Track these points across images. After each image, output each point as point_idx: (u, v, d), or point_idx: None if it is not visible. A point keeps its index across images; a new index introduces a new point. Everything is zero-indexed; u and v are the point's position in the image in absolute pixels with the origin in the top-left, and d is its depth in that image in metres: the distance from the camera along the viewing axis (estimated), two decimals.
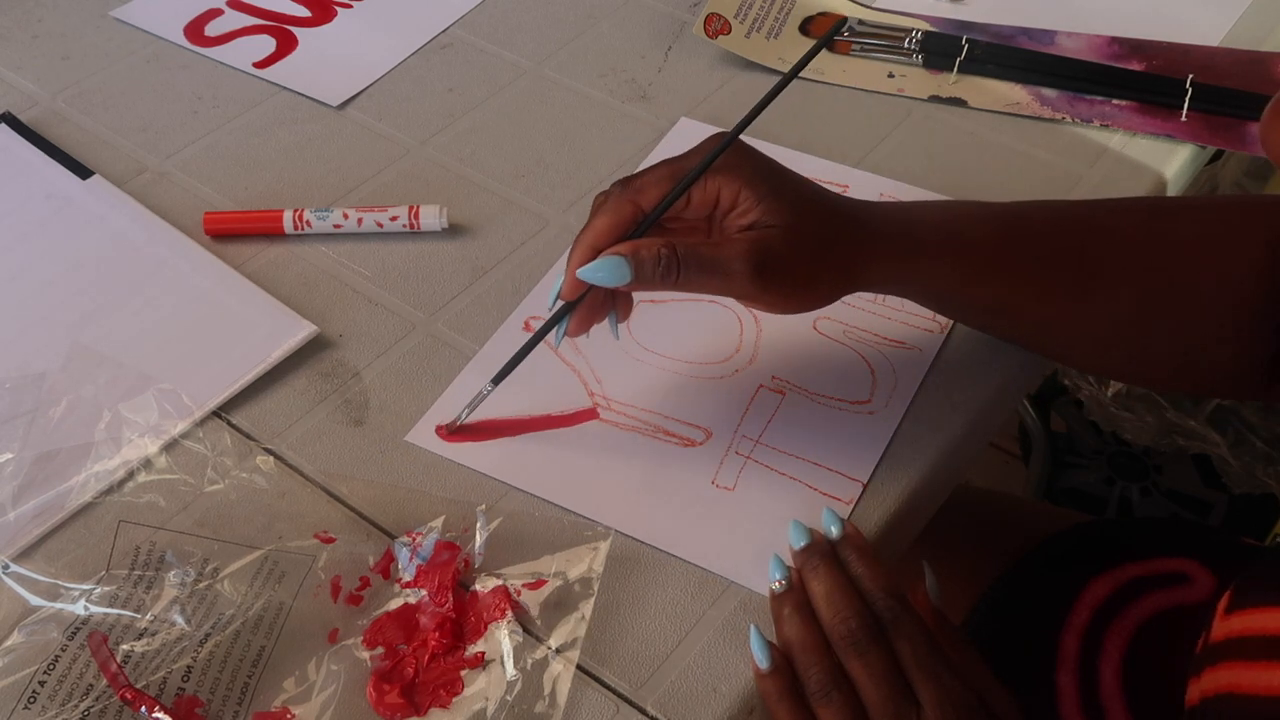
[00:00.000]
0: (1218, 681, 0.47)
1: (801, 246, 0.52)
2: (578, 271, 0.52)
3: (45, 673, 0.50)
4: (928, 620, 0.51)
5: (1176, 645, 0.65)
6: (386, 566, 0.54)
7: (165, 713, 0.48)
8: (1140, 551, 0.71)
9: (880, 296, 0.66)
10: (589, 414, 0.61)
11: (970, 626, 0.73)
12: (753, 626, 0.50)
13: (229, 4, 0.88)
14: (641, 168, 0.73)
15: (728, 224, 0.53)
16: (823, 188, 0.55)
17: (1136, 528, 0.77)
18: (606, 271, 0.51)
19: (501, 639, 0.51)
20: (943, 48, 0.81)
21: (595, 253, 0.52)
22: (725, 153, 0.52)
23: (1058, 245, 0.57)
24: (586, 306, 0.54)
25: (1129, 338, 0.58)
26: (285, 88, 0.81)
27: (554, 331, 0.55)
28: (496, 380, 0.57)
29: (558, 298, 0.54)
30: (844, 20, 0.55)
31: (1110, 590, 0.69)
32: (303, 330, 0.64)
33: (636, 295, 0.57)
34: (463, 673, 0.51)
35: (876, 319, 0.65)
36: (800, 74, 0.80)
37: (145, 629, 0.51)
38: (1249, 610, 0.47)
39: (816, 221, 0.53)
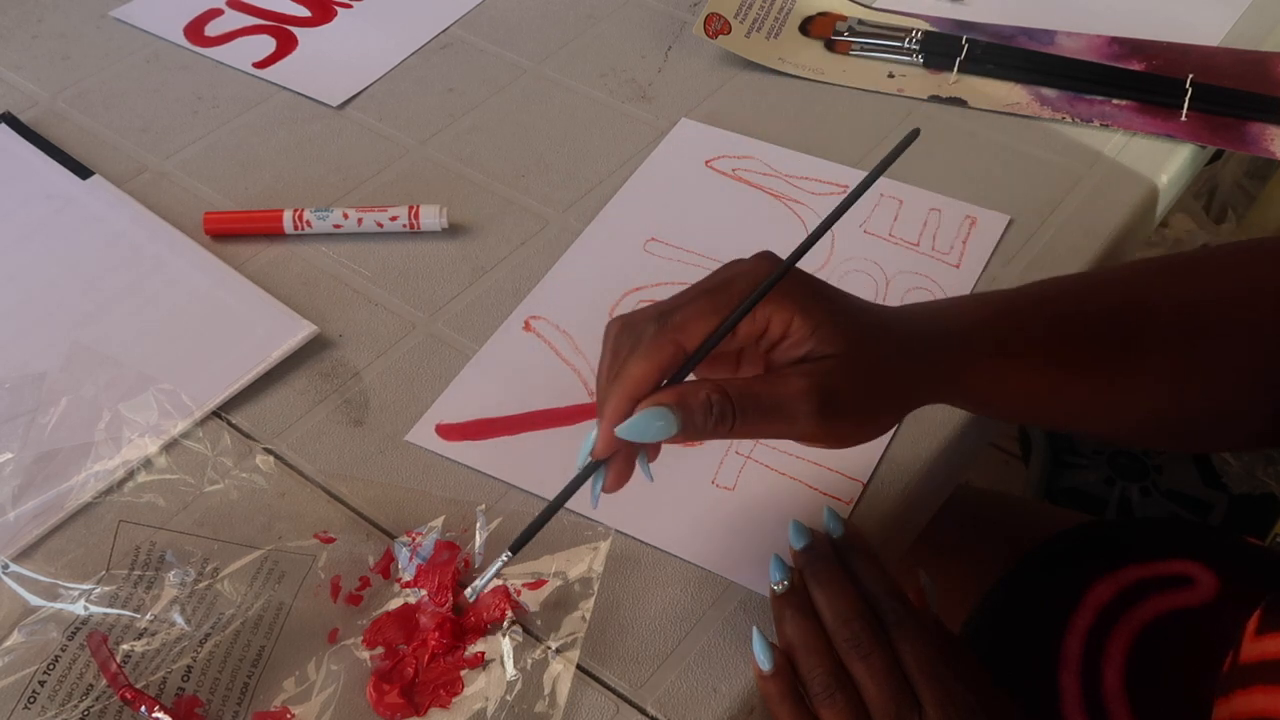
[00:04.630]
0: (1251, 705, 0.46)
1: (860, 377, 0.47)
2: (618, 430, 0.45)
3: (45, 673, 0.50)
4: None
5: (1181, 648, 0.65)
6: (386, 566, 0.54)
7: (165, 713, 0.48)
8: (1143, 553, 0.71)
9: (881, 296, 0.66)
10: (589, 412, 0.61)
11: (972, 627, 0.73)
12: (755, 628, 0.50)
13: (229, 4, 0.88)
14: (642, 167, 0.74)
15: (777, 355, 0.47)
16: (867, 303, 0.49)
17: (1138, 529, 0.77)
18: (651, 427, 0.45)
19: (501, 639, 0.51)
20: (943, 48, 0.81)
21: (633, 404, 0.45)
22: (775, 287, 0.46)
23: (1100, 328, 0.54)
24: (622, 458, 0.48)
25: (1166, 410, 0.55)
26: (285, 88, 0.81)
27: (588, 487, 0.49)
28: (515, 548, 0.49)
29: (590, 455, 0.47)
30: (916, 132, 0.50)
31: (1113, 592, 0.69)
32: (303, 330, 0.64)
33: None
34: (463, 673, 0.51)
35: None
36: (800, 74, 0.81)
37: (145, 629, 0.51)
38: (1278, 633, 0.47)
39: (871, 344, 0.48)
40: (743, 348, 0.49)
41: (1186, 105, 0.75)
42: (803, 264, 0.47)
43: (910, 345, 0.49)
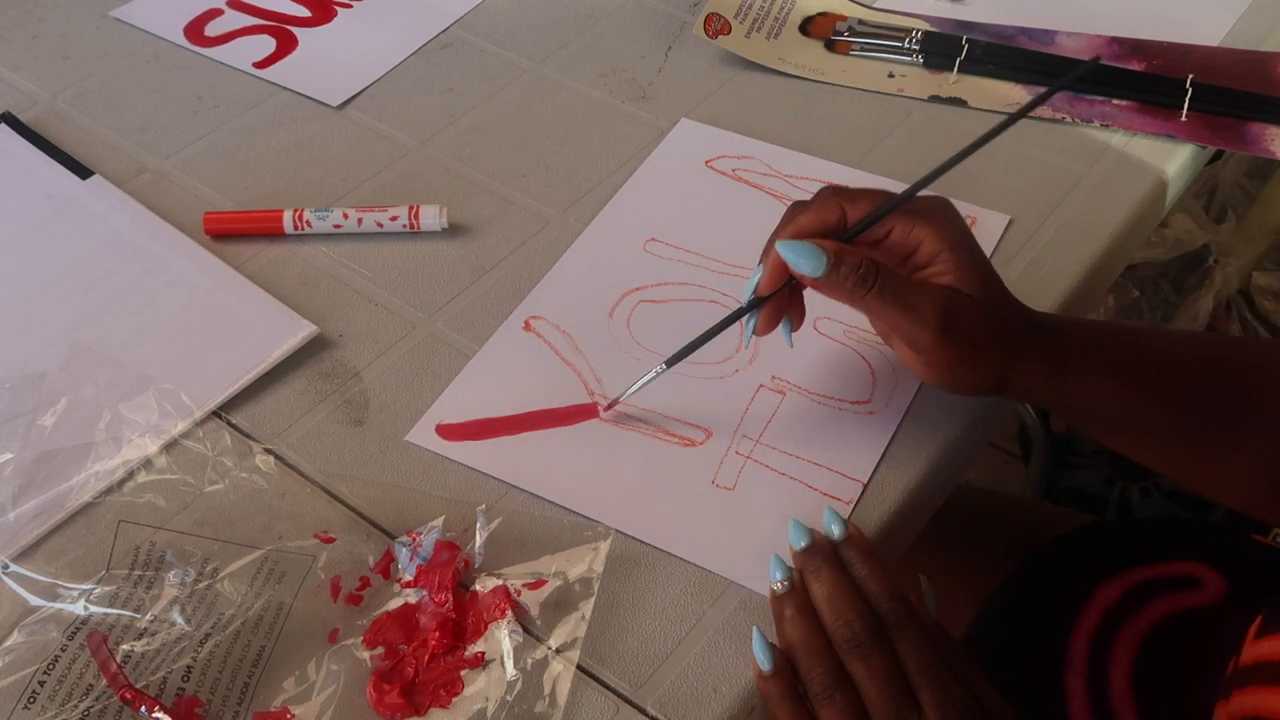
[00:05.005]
0: (1244, 705, 0.47)
1: (982, 322, 0.52)
2: (778, 243, 0.52)
3: (45, 673, 0.50)
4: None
5: (1188, 649, 0.65)
6: (386, 566, 0.54)
7: (165, 713, 0.48)
8: (1148, 554, 0.71)
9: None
10: (589, 412, 0.61)
11: (977, 628, 0.73)
12: (755, 628, 0.50)
13: (229, 4, 0.88)
14: (642, 167, 0.74)
15: (918, 277, 0.53)
16: (1003, 283, 0.55)
17: (1144, 529, 0.77)
18: (805, 256, 0.51)
19: (501, 639, 0.51)
20: (943, 48, 0.81)
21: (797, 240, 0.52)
22: (934, 211, 0.52)
23: (1210, 380, 0.57)
24: (773, 306, 0.55)
25: (1273, 477, 0.56)
26: (285, 88, 0.81)
27: (742, 328, 0.56)
28: (670, 362, 0.58)
29: (754, 292, 0.54)
30: (1097, 59, 0.56)
31: (1120, 593, 0.69)
32: (303, 330, 0.64)
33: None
34: (463, 673, 0.51)
35: None
36: (800, 74, 0.80)
37: (145, 629, 0.51)
38: (1277, 635, 0.47)
39: (999, 309, 0.53)
40: (893, 258, 0.53)
41: (1186, 105, 0.75)
42: None
43: (1027, 328, 0.54)
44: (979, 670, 0.51)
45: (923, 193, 0.53)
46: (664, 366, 0.58)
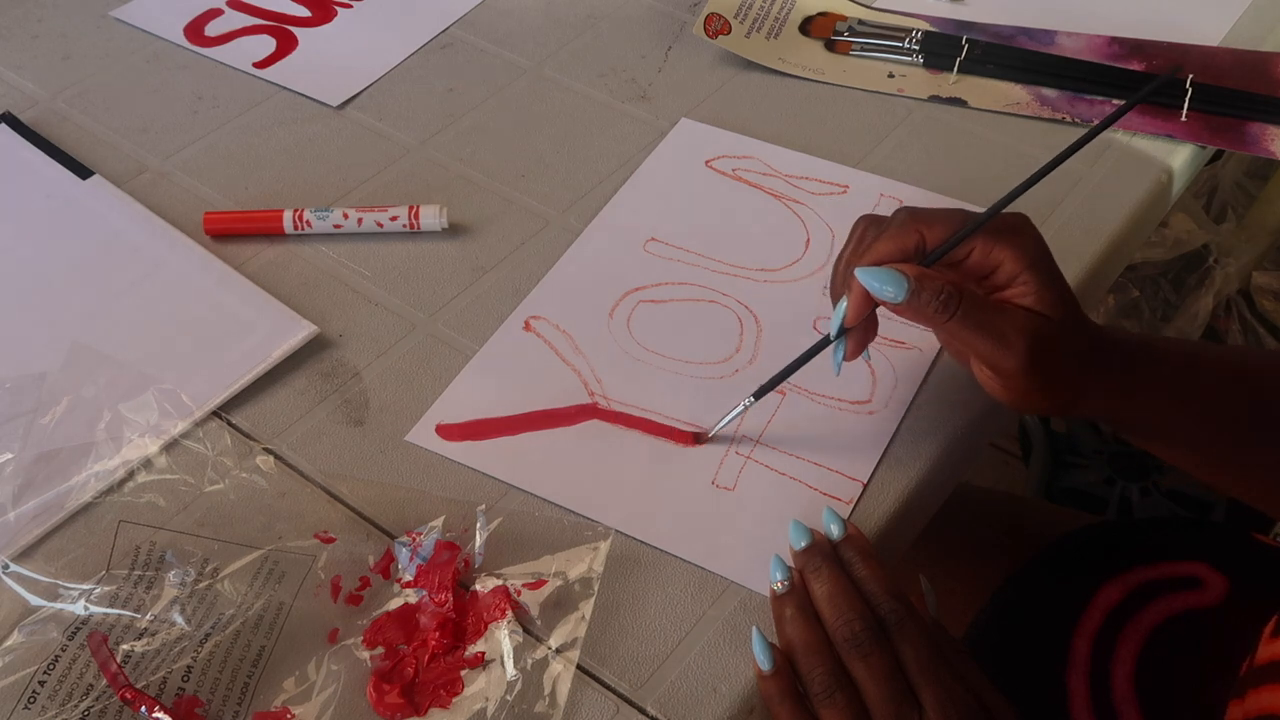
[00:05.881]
0: (1259, 703, 0.47)
1: (1064, 347, 0.51)
2: (858, 270, 0.51)
3: (45, 673, 0.50)
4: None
5: (1190, 650, 0.65)
6: (386, 566, 0.54)
7: (165, 713, 0.48)
8: (1150, 554, 0.71)
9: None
10: (589, 413, 0.61)
11: (978, 628, 0.73)
12: (755, 628, 0.50)
13: (229, 4, 0.88)
14: (642, 167, 0.74)
15: (998, 298, 0.52)
16: (1079, 304, 0.54)
17: (1145, 530, 0.77)
18: (886, 283, 0.50)
19: (501, 639, 0.51)
20: (943, 48, 0.81)
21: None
22: (1014, 230, 0.51)
23: (1273, 395, 0.57)
24: (859, 333, 0.54)
25: None
26: (285, 88, 0.81)
27: (829, 356, 0.55)
28: (758, 395, 0.57)
29: (843, 323, 0.53)
30: (1178, 69, 0.55)
31: (1122, 594, 0.69)
32: (303, 330, 0.64)
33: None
34: (463, 673, 0.51)
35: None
36: (800, 74, 0.80)
37: (145, 629, 0.51)
38: None
39: (1077, 331, 0.52)
40: (972, 279, 0.52)
41: (1186, 105, 0.75)
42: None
43: (1102, 351, 0.53)
44: (980, 670, 0.51)
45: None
46: (752, 400, 0.57)
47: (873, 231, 0.53)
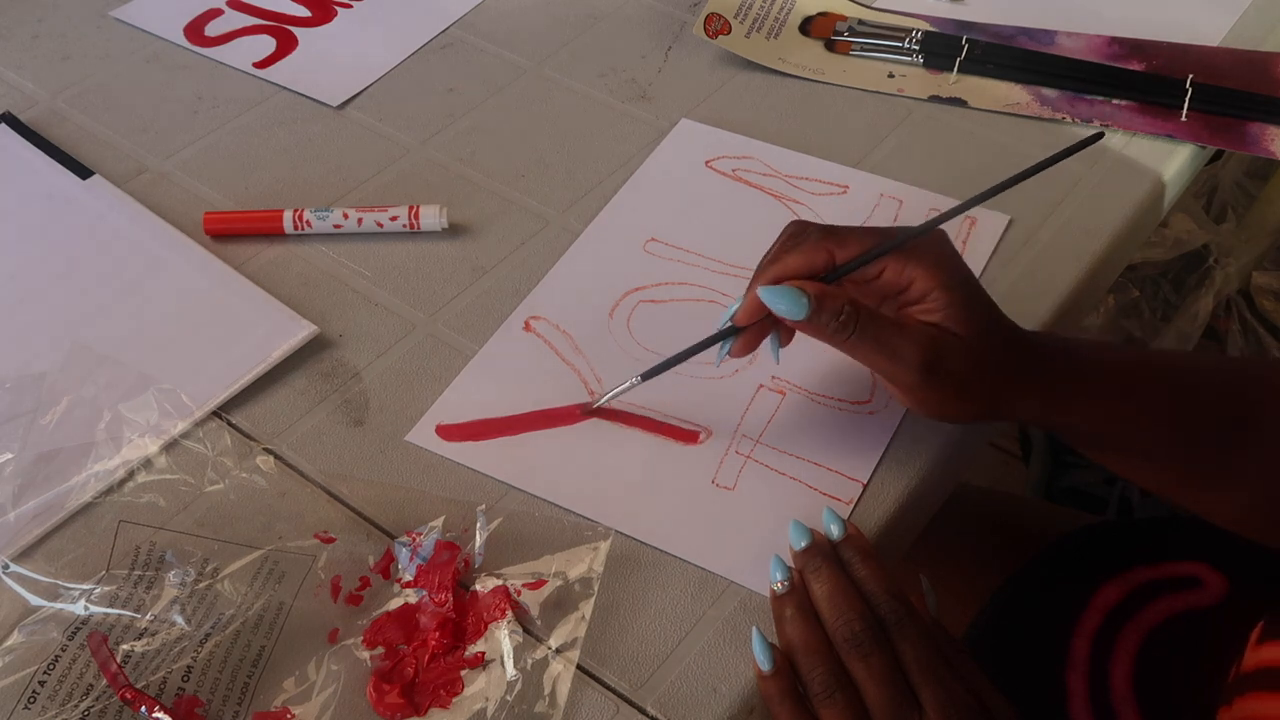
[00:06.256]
0: (1246, 711, 0.47)
1: (969, 364, 0.52)
2: (759, 289, 0.52)
3: (45, 673, 0.50)
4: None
5: (1189, 650, 0.65)
6: (386, 566, 0.54)
7: (165, 713, 0.48)
8: (1150, 554, 0.71)
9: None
10: (589, 411, 0.61)
11: (978, 628, 0.73)
12: (755, 628, 0.50)
13: (229, 4, 0.88)
14: (642, 168, 0.74)
15: (906, 314, 0.53)
16: (1001, 313, 0.54)
17: (1145, 530, 0.77)
18: (787, 301, 0.51)
19: (501, 639, 0.51)
20: (943, 48, 0.81)
21: (779, 283, 0.52)
22: (931, 248, 0.52)
23: (1214, 402, 0.57)
24: (751, 333, 0.55)
25: (1268, 497, 0.57)
26: (285, 88, 0.81)
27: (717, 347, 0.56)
28: (646, 376, 0.58)
29: (730, 320, 0.55)
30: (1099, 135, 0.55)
31: (1121, 594, 0.69)
32: (303, 330, 0.64)
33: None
34: (463, 673, 0.51)
35: None
36: (800, 74, 0.80)
37: (145, 629, 0.51)
38: (1277, 642, 0.47)
39: (992, 348, 0.53)
40: (884, 296, 0.54)
41: (1186, 105, 0.75)
42: None
43: (1028, 362, 0.54)
44: (980, 670, 0.51)
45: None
46: (639, 379, 0.58)
47: (792, 243, 0.54)
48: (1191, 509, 0.60)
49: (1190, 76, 0.77)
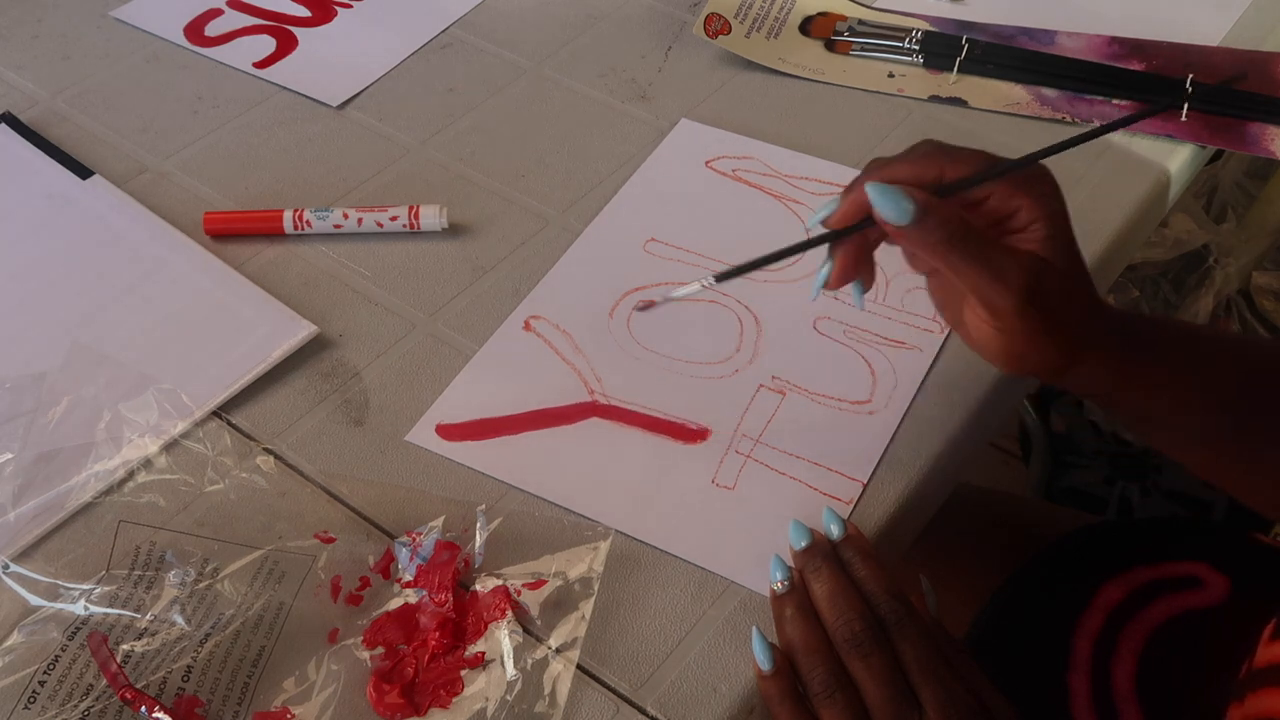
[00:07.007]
0: (1258, 707, 0.47)
1: (1064, 295, 0.50)
2: (866, 183, 0.48)
3: (45, 673, 0.50)
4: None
5: (1191, 650, 0.65)
6: (386, 566, 0.54)
7: (165, 713, 0.48)
8: (1151, 554, 0.71)
9: (881, 295, 0.66)
10: (589, 412, 0.61)
11: (978, 627, 0.73)
12: (755, 628, 0.50)
13: (229, 4, 0.88)
14: (642, 168, 0.74)
15: (1008, 241, 0.51)
16: (1087, 267, 0.53)
17: (1145, 530, 0.77)
18: (893, 201, 0.48)
19: (501, 639, 0.51)
20: (943, 48, 0.81)
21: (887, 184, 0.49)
22: (1039, 181, 0.50)
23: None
24: (849, 254, 0.51)
25: None
26: (285, 88, 0.81)
27: (812, 282, 0.53)
28: (720, 278, 0.51)
29: (822, 223, 0.51)
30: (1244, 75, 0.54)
31: (1123, 594, 0.68)
32: (303, 330, 0.64)
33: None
34: (463, 673, 0.51)
35: (876, 319, 0.65)
36: (800, 74, 0.80)
37: (145, 629, 0.51)
38: None
39: (1083, 284, 0.52)
40: (988, 223, 0.51)
41: (1186, 105, 0.75)
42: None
43: (1107, 319, 0.53)
44: (980, 670, 0.51)
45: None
46: (712, 279, 0.51)
47: (907, 151, 0.51)
48: (1239, 497, 0.59)
49: (1190, 76, 0.77)
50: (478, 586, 0.53)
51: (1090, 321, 0.52)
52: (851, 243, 0.52)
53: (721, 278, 0.51)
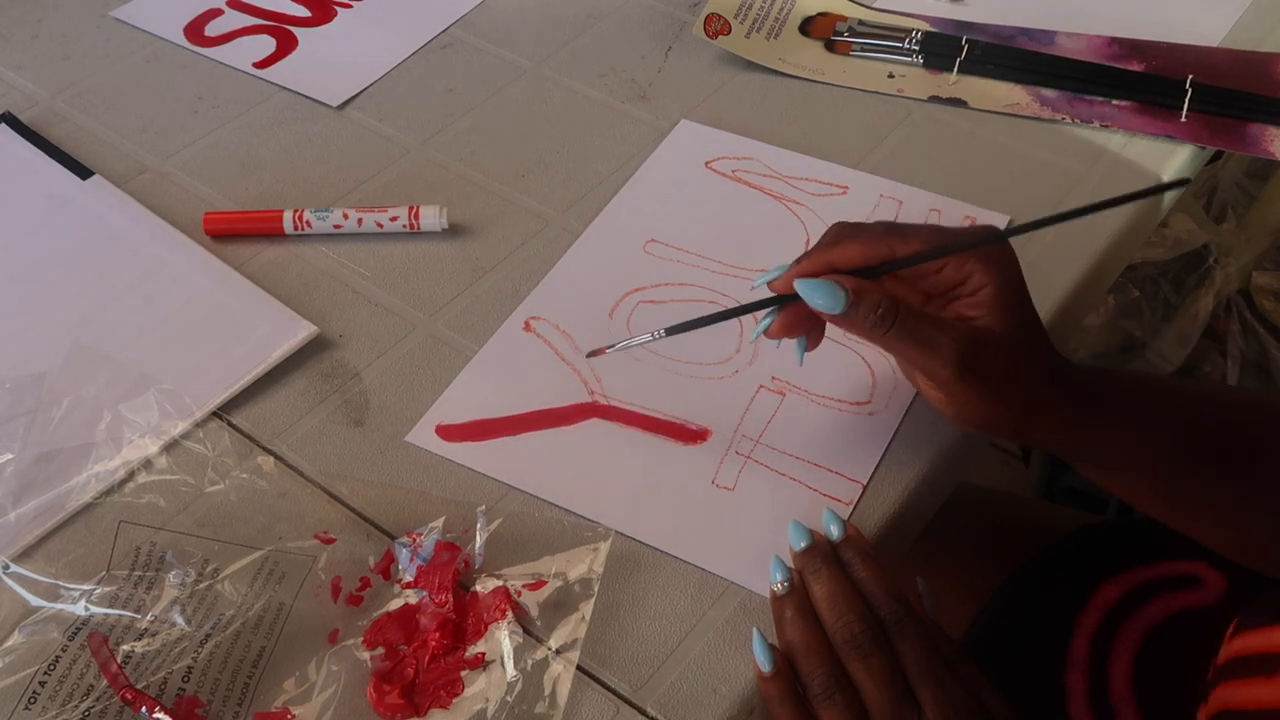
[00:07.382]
0: (1220, 700, 0.47)
1: (1006, 363, 0.51)
2: (796, 280, 0.51)
3: (45, 673, 0.50)
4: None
5: (1188, 648, 0.65)
6: (387, 567, 0.54)
7: (165, 713, 0.48)
8: (1149, 553, 0.71)
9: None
10: (589, 412, 0.61)
11: (977, 627, 0.73)
12: (755, 629, 0.50)
13: (229, 4, 0.88)
14: (642, 168, 0.74)
15: (951, 308, 0.53)
16: (1043, 328, 0.54)
17: (1144, 529, 0.77)
18: (823, 294, 0.50)
19: (502, 640, 0.51)
20: (943, 48, 0.81)
21: (826, 270, 0.52)
22: (996, 248, 0.52)
23: (1242, 433, 0.57)
24: (793, 314, 0.53)
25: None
26: (285, 88, 0.81)
27: (755, 322, 0.55)
28: (670, 332, 0.55)
29: (766, 284, 0.54)
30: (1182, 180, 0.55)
31: (1121, 593, 0.69)
32: (303, 330, 0.64)
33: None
34: (463, 673, 0.51)
35: None
36: (800, 74, 0.80)
37: (145, 629, 0.51)
38: (1249, 632, 0.48)
39: (1029, 355, 0.52)
40: (934, 294, 0.54)
41: (1186, 106, 0.75)
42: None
43: (1059, 375, 0.53)
44: (979, 671, 0.51)
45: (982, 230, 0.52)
46: (662, 332, 0.55)
47: (847, 232, 0.53)
48: (1195, 538, 0.60)
49: (1190, 77, 0.77)
50: (478, 587, 0.53)
51: (1040, 384, 0.53)
52: (796, 307, 0.53)
53: (672, 331, 0.55)
